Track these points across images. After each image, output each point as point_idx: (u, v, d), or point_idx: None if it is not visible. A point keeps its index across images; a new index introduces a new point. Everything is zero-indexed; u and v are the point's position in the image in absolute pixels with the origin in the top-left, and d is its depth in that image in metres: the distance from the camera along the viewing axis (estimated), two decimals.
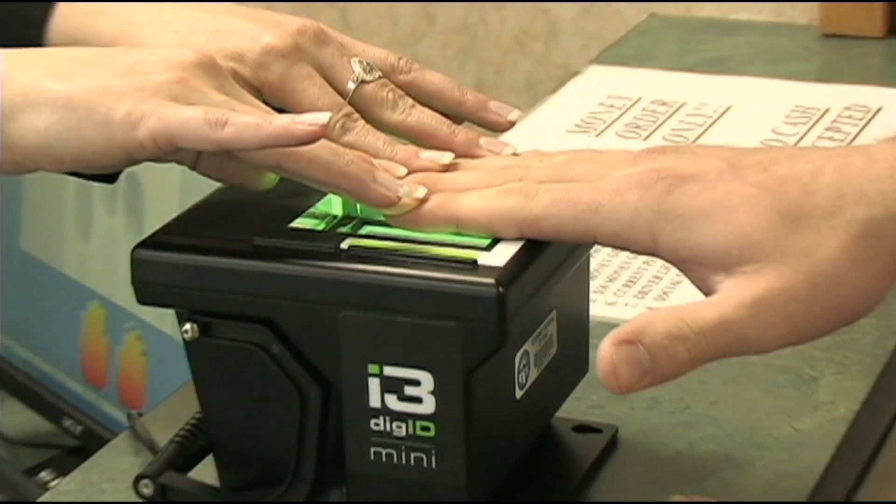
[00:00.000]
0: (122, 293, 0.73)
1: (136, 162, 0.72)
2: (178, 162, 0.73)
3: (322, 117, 0.70)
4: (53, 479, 1.18)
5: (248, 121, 0.69)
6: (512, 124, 0.86)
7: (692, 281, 0.71)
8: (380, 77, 0.83)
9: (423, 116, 0.82)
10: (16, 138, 0.70)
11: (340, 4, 1.56)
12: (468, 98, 0.85)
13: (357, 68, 0.83)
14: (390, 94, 0.83)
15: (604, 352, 0.65)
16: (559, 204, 0.70)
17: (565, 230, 0.71)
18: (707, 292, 0.69)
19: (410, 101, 0.83)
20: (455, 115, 0.84)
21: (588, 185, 0.71)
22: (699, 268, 0.69)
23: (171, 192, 0.82)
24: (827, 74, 1.32)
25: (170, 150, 0.70)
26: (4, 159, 0.71)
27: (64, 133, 0.70)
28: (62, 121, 0.69)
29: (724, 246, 0.68)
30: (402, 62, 0.85)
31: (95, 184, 0.89)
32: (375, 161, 0.74)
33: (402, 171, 0.74)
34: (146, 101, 0.69)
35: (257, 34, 0.82)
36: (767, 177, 0.70)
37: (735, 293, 0.67)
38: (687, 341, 0.66)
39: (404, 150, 0.77)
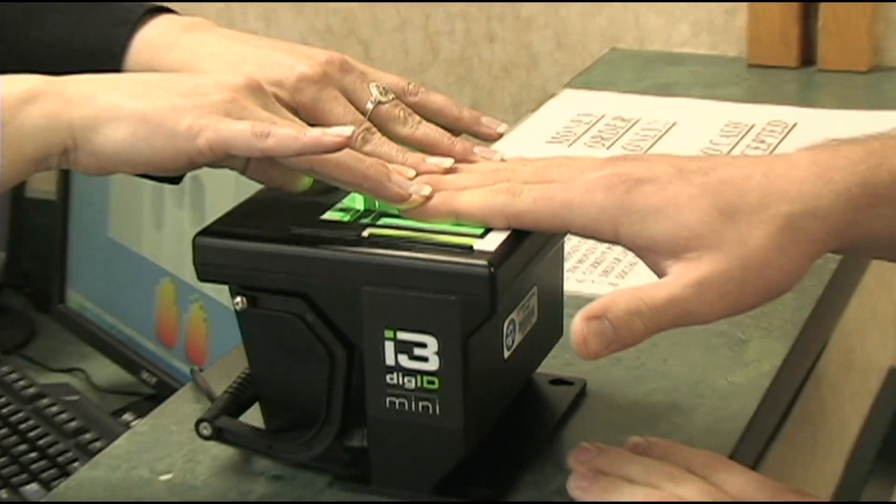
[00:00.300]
0: (188, 271, 0.72)
1: (197, 167, 0.72)
2: (231, 168, 0.73)
3: (346, 130, 0.70)
4: (133, 420, 1.17)
5: (287, 133, 0.70)
6: (500, 136, 0.86)
7: (647, 264, 0.70)
8: (393, 98, 0.83)
9: (428, 130, 0.82)
10: (99, 147, 0.70)
11: (364, 40, 1.55)
12: (464, 115, 0.85)
13: (375, 91, 0.83)
14: (402, 113, 0.83)
15: (576, 326, 0.66)
16: (539, 201, 0.70)
17: (544, 223, 0.71)
18: (659, 274, 0.69)
19: (418, 118, 0.83)
20: (454, 129, 0.84)
21: (563, 186, 0.70)
22: (653, 254, 0.69)
23: (227, 192, 0.82)
24: (753, 96, 1.32)
25: (223, 157, 0.70)
26: (90, 164, 0.70)
27: (138, 143, 0.70)
28: (136, 133, 0.69)
29: (673, 237, 0.68)
30: (411, 86, 0.85)
31: (167, 186, 0.89)
32: (390, 166, 0.74)
33: (412, 173, 0.74)
34: (204, 117, 0.70)
35: (293, 64, 0.82)
36: (708, 180, 0.69)
37: (682, 276, 0.67)
38: (643, 316, 0.66)
39: (413, 156, 0.77)
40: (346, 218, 0.73)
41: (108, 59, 0.85)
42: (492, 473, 0.74)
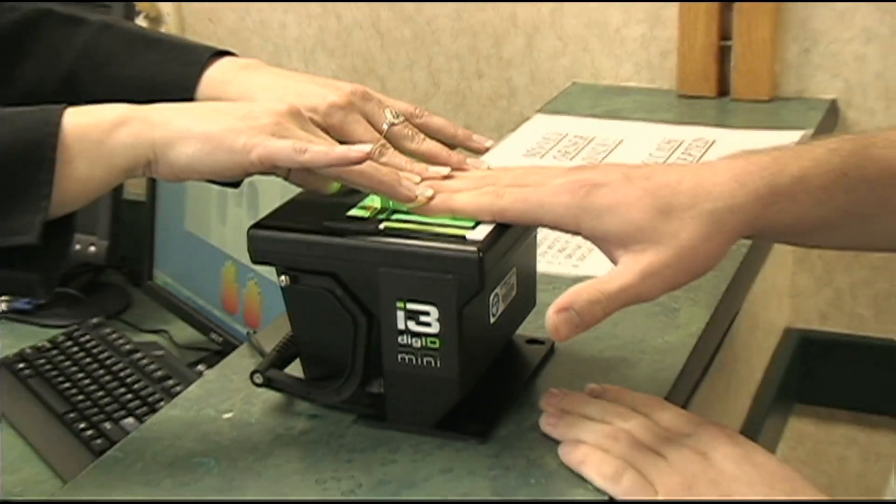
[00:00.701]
0: (245, 256, 0.71)
1: (250, 175, 0.72)
2: (277, 175, 0.72)
3: (367, 147, 0.70)
4: (204, 371, 1.16)
5: (320, 149, 0.69)
6: (487, 149, 0.86)
7: (601, 251, 0.69)
8: (403, 120, 0.83)
9: (430, 145, 0.82)
10: (174, 160, 0.69)
11: (381, 77, 1.54)
12: (459, 133, 0.86)
13: (389, 116, 0.83)
14: (410, 132, 0.82)
15: (549, 317, 0.66)
16: (518, 202, 0.69)
17: (522, 218, 0.70)
18: (611, 259, 0.69)
19: (423, 136, 0.82)
20: (451, 144, 0.84)
21: (536, 189, 0.69)
22: (606, 244, 0.69)
23: (275, 193, 0.82)
24: (682, 120, 1.31)
25: (270, 168, 0.70)
26: (167, 173, 0.70)
27: (204, 157, 0.69)
28: (203, 149, 0.69)
29: (622, 231, 0.67)
30: (417, 111, 0.85)
31: (229, 189, 0.88)
32: (400, 174, 0.73)
33: (418, 179, 0.73)
34: (256, 136, 0.69)
35: (325, 94, 0.82)
36: (649, 184, 0.68)
37: (630, 266, 0.67)
38: (601, 303, 0.66)
39: (418, 166, 0.76)
40: (367, 214, 0.72)
41: (183, 91, 0.85)
42: (481, 412, 0.72)
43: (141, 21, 1.53)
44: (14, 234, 0.67)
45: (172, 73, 0.87)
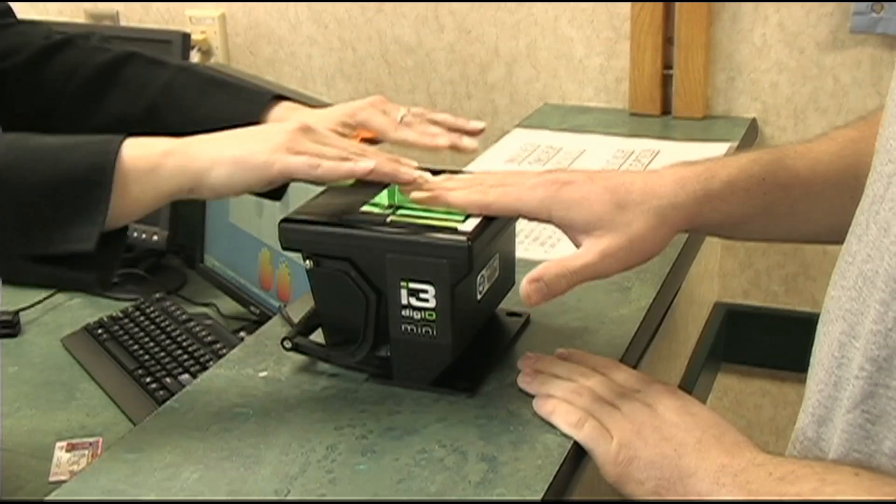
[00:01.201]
0: (278, 244, 0.70)
1: (277, 185, 0.71)
2: (298, 180, 0.71)
3: (370, 164, 0.69)
4: (245, 336, 1.14)
5: (330, 164, 0.68)
6: (481, 130, 0.87)
7: (568, 237, 0.68)
8: (412, 115, 0.87)
9: (426, 128, 0.86)
10: (212, 184, 0.68)
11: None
12: (458, 121, 0.88)
13: (402, 110, 0.86)
14: (416, 120, 0.87)
15: (522, 286, 0.65)
16: (501, 197, 0.68)
17: (504, 211, 0.69)
18: (576, 244, 0.67)
19: (427, 122, 0.87)
20: (454, 128, 0.87)
21: (516, 187, 0.68)
22: (572, 231, 0.67)
23: (302, 192, 0.80)
24: (633, 133, 1.29)
25: (290, 179, 0.69)
26: (209, 194, 0.69)
27: (235, 177, 0.68)
28: (234, 171, 0.67)
29: (586, 221, 0.66)
30: (426, 110, 0.89)
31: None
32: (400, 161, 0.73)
33: (415, 163, 0.73)
34: (274, 154, 0.68)
35: (357, 104, 0.87)
36: (609, 183, 0.67)
37: (591, 248, 0.66)
38: (566, 277, 0.65)
39: (411, 162, 0.74)
40: (377, 210, 0.70)
41: (255, 120, 0.85)
42: (469, 372, 0.71)
43: (194, 53, 1.51)
44: (75, 241, 0.65)
45: (239, 111, 0.86)
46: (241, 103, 0.87)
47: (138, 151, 0.67)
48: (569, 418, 0.64)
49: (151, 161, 0.67)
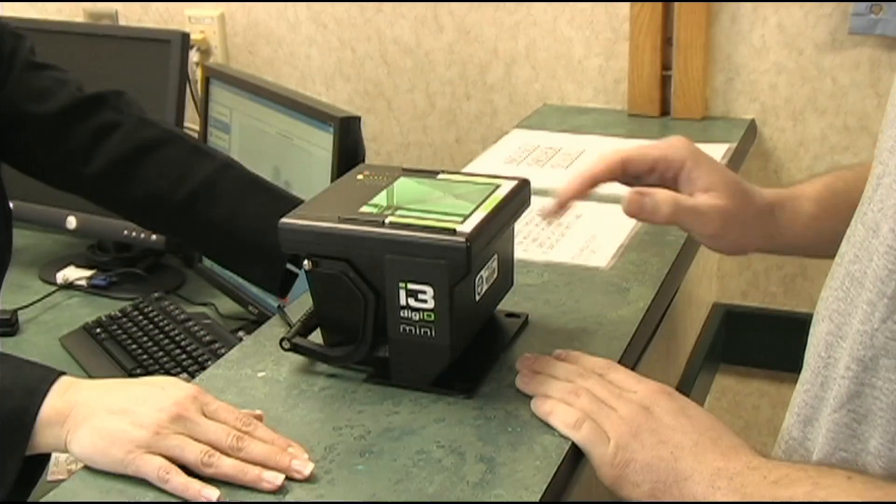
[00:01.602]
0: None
1: None
2: None
3: (213, 496, 0.59)
4: (243, 336, 1.14)
5: (178, 483, 0.60)
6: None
7: (681, 191, 0.72)
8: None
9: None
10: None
11: (388, 98, 1.53)
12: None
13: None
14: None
15: (628, 193, 0.69)
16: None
17: (642, 151, 0.72)
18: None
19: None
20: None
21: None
22: (691, 185, 0.72)
23: (302, 192, 0.80)
24: (631, 134, 1.29)
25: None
26: None
27: (98, 465, 0.62)
28: (95, 462, 0.62)
29: (711, 181, 0.71)
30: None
31: None
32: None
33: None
34: (130, 454, 0.61)
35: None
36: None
37: (707, 200, 0.71)
38: (671, 206, 0.69)
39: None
40: (376, 210, 0.70)
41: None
42: (467, 373, 0.71)
43: (193, 53, 1.51)
44: None
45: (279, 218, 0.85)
46: (282, 213, 0.86)
47: (55, 406, 0.64)
48: (566, 419, 0.64)
49: (59, 425, 0.63)
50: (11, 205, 0.95)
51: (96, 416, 0.63)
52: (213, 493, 0.60)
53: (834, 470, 0.54)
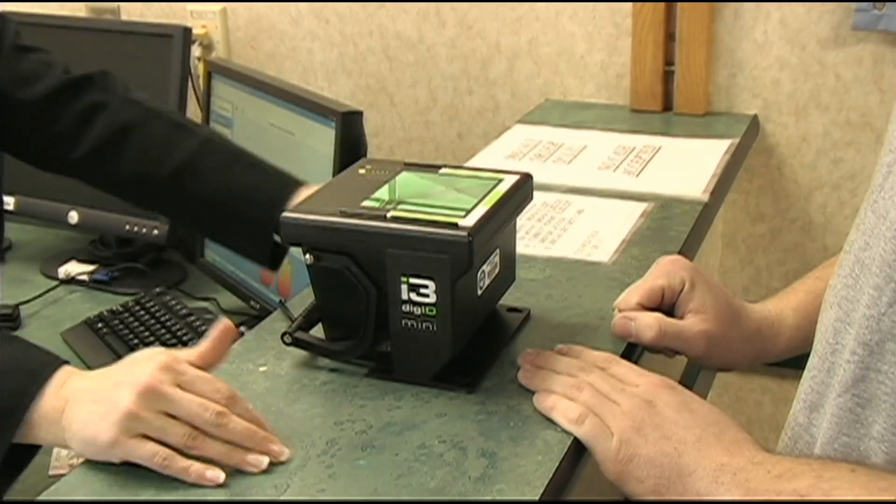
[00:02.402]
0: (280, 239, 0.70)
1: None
2: None
3: (220, 478, 0.60)
4: (245, 331, 1.14)
5: (180, 467, 0.60)
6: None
7: (676, 306, 0.75)
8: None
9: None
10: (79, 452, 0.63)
11: (390, 93, 1.52)
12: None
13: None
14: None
15: (616, 318, 0.74)
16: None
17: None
18: (678, 317, 0.76)
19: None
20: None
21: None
22: (683, 306, 0.75)
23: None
24: (633, 130, 1.29)
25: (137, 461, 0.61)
26: None
27: (88, 453, 0.62)
28: (85, 450, 0.62)
29: (703, 302, 0.75)
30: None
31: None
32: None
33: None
34: (118, 437, 0.60)
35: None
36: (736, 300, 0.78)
37: (694, 324, 0.75)
38: (655, 330, 0.73)
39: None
40: (378, 204, 0.69)
41: (271, 209, 0.82)
42: (469, 368, 0.71)
43: (195, 48, 1.50)
44: None
45: (268, 192, 0.87)
46: (270, 187, 0.87)
47: (51, 400, 0.63)
48: (569, 414, 0.64)
49: (56, 418, 0.62)
50: (12, 199, 0.95)
51: (81, 409, 0.61)
52: (218, 475, 0.59)
53: (837, 463, 0.54)
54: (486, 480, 0.60)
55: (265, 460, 0.61)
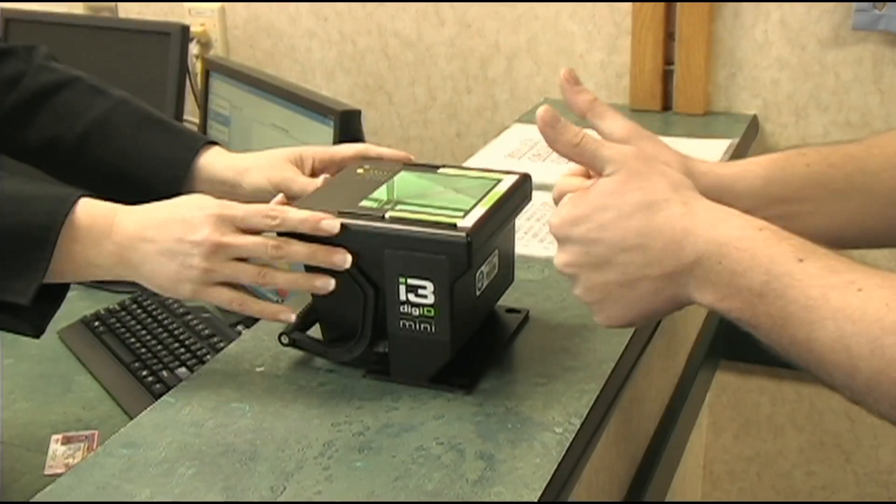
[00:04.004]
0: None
1: None
2: None
3: (289, 317, 0.71)
4: (242, 331, 1.14)
5: (254, 308, 0.70)
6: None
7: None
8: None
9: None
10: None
11: (388, 92, 1.52)
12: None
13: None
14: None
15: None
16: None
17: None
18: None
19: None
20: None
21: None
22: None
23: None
24: None
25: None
26: None
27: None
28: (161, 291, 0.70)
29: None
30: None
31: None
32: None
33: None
34: (196, 287, 0.69)
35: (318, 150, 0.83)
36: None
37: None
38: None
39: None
40: (376, 205, 0.69)
41: (178, 168, 0.84)
42: (467, 369, 0.70)
43: (193, 46, 1.50)
44: (12, 294, 0.66)
45: (172, 155, 0.86)
46: (175, 147, 0.86)
47: (87, 222, 0.68)
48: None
49: (101, 233, 0.67)
50: None
51: (151, 261, 0.67)
52: (290, 315, 0.69)
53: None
54: (484, 483, 0.59)
55: (331, 282, 0.67)
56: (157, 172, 0.85)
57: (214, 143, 0.88)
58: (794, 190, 0.67)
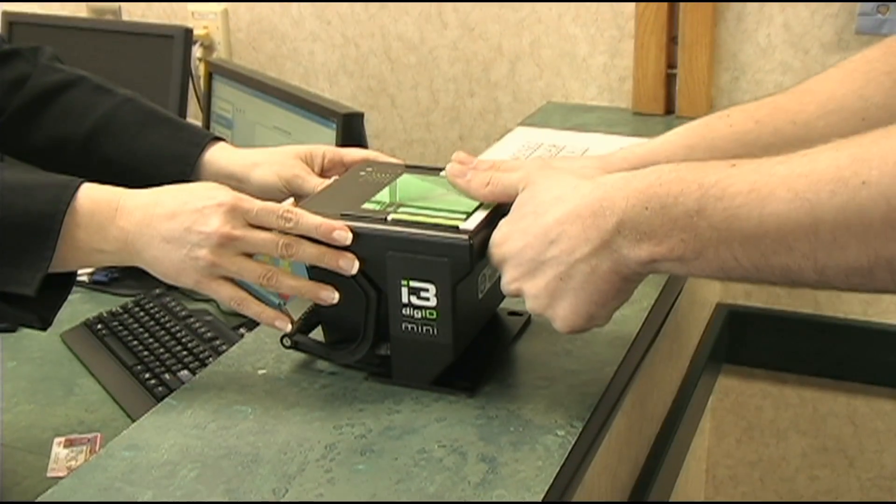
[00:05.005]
0: None
1: None
2: None
3: (286, 328, 0.71)
4: (244, 333, 1.14)
5: (253, 310, 0.71)
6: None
7: None
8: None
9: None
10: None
11: (391, 95, 1.52)
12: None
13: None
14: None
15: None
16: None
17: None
18: None
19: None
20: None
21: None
22: None
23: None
24: (635, 133, 1.28)
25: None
26: None
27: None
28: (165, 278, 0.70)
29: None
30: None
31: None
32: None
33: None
34: (200, 278, 0.69)
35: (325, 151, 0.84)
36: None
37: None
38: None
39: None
40: (378, 207, 0.69)
41: (184, 164, 0.85)
42: (470, 372, 0.70)
43: (196, 49, 1.50)
44: (16, 284, 0.66)
45: (178, 150, 0.86)
46: (181, 143, 0.87)
47: (96, 198, 0.67)
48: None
49: (105, 218, 0.67)
50: None
51: (158, 248, 0.67)
52: (286, 324, 0.69)
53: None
54: (486, 486, 0.59)
55: (336, 295, 0.67)
56: (163, 168, 0.85)
57: (220, 138, 0.88)
58: (720, 153, 0.66)
